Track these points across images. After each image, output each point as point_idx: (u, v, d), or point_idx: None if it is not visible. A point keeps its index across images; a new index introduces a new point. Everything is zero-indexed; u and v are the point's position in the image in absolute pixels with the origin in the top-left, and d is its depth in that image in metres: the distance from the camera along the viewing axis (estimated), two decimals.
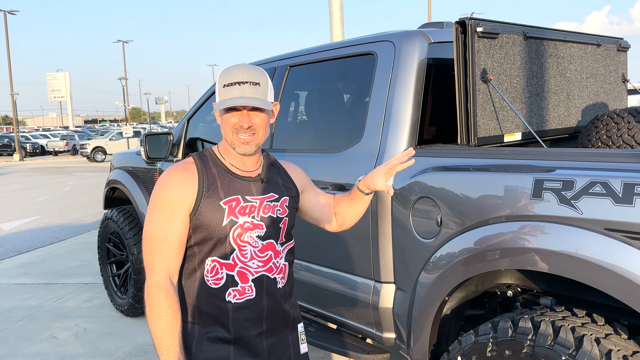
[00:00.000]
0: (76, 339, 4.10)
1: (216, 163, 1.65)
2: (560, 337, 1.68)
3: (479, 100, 2.33)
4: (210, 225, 1.57)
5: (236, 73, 1.57)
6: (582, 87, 3.01)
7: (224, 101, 1.57)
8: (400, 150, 2.38)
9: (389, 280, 2.45)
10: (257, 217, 1.62)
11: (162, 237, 1.54)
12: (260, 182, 1.67)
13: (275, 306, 1.67)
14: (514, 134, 2.54)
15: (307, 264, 2.88)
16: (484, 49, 2.35)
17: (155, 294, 1.52)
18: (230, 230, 1.58)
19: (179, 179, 1.58)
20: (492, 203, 1.93)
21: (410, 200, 2.25)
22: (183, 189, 1.57)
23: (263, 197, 1.65)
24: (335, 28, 8.44)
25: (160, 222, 1.55)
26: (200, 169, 1.62)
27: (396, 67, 2.47)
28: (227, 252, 1.58)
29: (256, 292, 1.62)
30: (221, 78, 1.59)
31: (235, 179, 1.64)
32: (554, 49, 2.76)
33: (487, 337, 1.86)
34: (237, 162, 1.66)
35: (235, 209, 1.59)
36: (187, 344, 1.60)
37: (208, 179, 1.60)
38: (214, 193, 1.59)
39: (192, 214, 1.57)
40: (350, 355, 2.63)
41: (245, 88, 1.56)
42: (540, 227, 1.77)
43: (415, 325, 2.25)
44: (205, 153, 1.69)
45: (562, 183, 1.73)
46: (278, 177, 1.76)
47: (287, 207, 1.71)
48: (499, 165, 2.00)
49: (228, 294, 1.59)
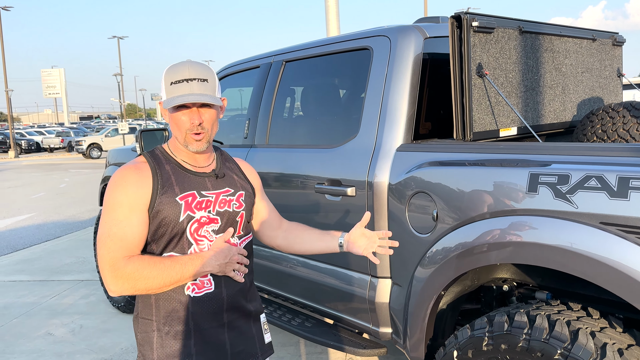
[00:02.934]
0: (73, 336, 4.10)
1: (168, 160, 1.65)
2: (556, 331, 1.69)
3: (474, 95, 2.33)
4: (167, 221, 1.57)
5: (183, 70, 1.57)
6: (578, 81, 3.01)
7: (173, 99, 1.55)
8: (396, 145, 2.38)
9: (385, 275, 2.45)
10: (213, 211, 1.63)
11: (121, 235, 1.52)
12: (215, 177, 1.69)
13: (235, 298, 1.68)
14: (510, 128, 2.54)
15: (304, 260, 2.88)
16: (480, 44, 2.35)
17: (123, 268, 1.49)
18: (187, 225, 1.59)
19: (133, 177, 1.57)
20: (488, 198, 1.93)
21: (406, 195, 2.25)
22: (139, 188, 1.56)
23: (219, 192, 1.67)
24: (331, 23, 8.42)
25: (119, 221, 1.53)
26: (153, 166, 1.61)
27: (392, 62, 2.47)
28: (184, 247, 1.60)
29: (215, 285, 1.63)
30: (167, 76, 1.58)
31: (189, 175, 1.65)
32: (549, 44, 2.76)
33: (483, 332, 1.87)
34: (189, 158, 1.67)
35: (191, 204, 1.60)
36: (149, 339, 1.61)
37: (162, 176, 1.60)
38: (169, 189, 1.59)
39: (149, 210, 1.56)
40: (346, 350, 2.64)
41: (193, 85, 1.56)
42: (536, 222, 1.77)
43: (412, 319, 2.26)
44: (156, 151, 1.68)
45: (557, 177, 1.73)
46: (232, 173, 1.77)
47: (243, 201, 1.72)
48: (495, 159, 2.00)
49: (187, 287, 1.60)
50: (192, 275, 1.55)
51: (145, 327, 1.62)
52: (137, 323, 1.65)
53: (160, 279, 1.51)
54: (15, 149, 30.33)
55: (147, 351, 1.61)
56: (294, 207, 2.84)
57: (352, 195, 2.47)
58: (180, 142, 1.62)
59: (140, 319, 1.64)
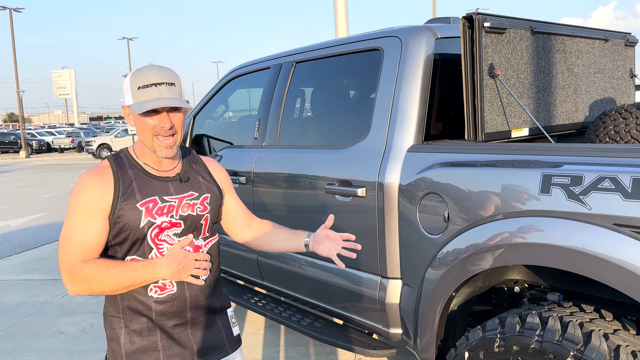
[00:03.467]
0: (84, 334, 4.13)
1: (132, 165, 1.67)
2: (569, 333, 1.68)
3: (486, 95, 2.32)
4: (128, 227, 1.59)
5: (150, 74, 1.58)
6: (590, 82, 2.99)
7: (143, 103, 1.56)
8: (407, 146, 2.38)
9: (395, 276, 2.45)
10: (175, 216, 1.64)
11: (79, 240, 1.56)
12: (179, 181, 1.69)
13: (199, 298, 1.71)
14: (522, 129, 2.53)
15: (313, 260, 2.88)
16: (492, 44, 2.34)
17: (79, 270, 1.53)
18: (147, 231, 1.61)
19: (95, 184, 1.59)
20: (500, 199, 1.92)
21: (417, 196, 2.25)
22: (99, 194, 1.58)
23: (182, 197, 1.68)
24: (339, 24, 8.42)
25: (78, 226, 1.56)
26: (115, 172, 1.63)
27: (403, 62, 2.47)
28: (145, 252, 1.62)
29: (177, 286, 1.66)
30: (134, 80, 1.58)
31: (152, 180, 1.66)
32: (561, 44, 2.75)
33: (495, 333, 1.86)
34: (154, 162, 1.68)
35: (152, 210, 1.61)
36: (116, 336, 1.66)
37: (124, 182, 1.62)
38: (130, 196, 1.60)
39: (110, 216, 1.59)
40: (356, 350, 2.64)
41: (162, 89, 1.57)
42: (549, 223, 1.76)
43: (422, 321, 2.25)
44: (121, 154, 1.70)
45: (570, 178, 1.72)
46: (199, 175, 1.77)
47: (208, 204, 1.73)
48: (507, 160, 1.99)
49: (149, 289, 1.63)
50: (144, 281, 1.58)
51: (113, 324, 1.67)
52: (106, 320, 1.70)
53: (113, 283, 1.55)
54: (26, 149, 30.61)
55: (115, 347, 1.66)
56: (304, 207, 2.85)
57: (363, 196, 2.47)
58: (147, 146, 1.63)
59: (108, 316, 1.69)
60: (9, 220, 9.47)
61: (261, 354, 3.62)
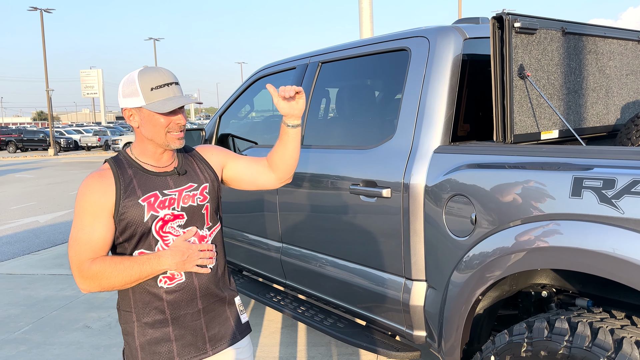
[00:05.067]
0: (109, 329, 4.20)
1: (131, 164, 1.73)
2: (599, 339, 1.64)
3: (515, 96, 2.29)
4: (133, 222, 1.66)
5: (159, 75, 1.66)
6: (622, 84, 2.92)
7: (164, 102, 1.63)
8: (434, 147, 2.36)
9: (420, 278, 2.43)
10: (177, 208, 1.71)
11: (86, 240, 1.63)
12: (177, 174, 1.75)
13: (208, 286, 1.77)
14: (551, 131, 2.49)
15: (336, 260, 2.88)
16: (522, 45, 2.31)
17: (88, 268, 1.60)
18: (152, 224, 1.68)
19: (97, 185, 1.66)
20: (529, 201, 1.89)
21: (443, 197, 2.23)
22: (102, 195, 1.65)
23: (181, 189, 1.74)
24: (364, 25, 8.40)
25: (84, 227, 1.64)
26: (115, 172, 1.70)
27: (430, 63, 2.45)
28: (151, 244, 1.69)
29: (185, 275, 1.72)
30: (144, 82, 1.64)
31: (151, 176, 1.72)
32: (593, 45, 2.70)
33: (522, 337, 1.83)
34: (154, 160, 1.74)
35: (154, 204, 1.68)
36: (130, 330, 1.73)
37: (124, 180, 1.68)
38: (131, 193, 1.67)
39: (115, 216, 1.66)
40: (379, 352, 2.63)
41: (174, 88, 1.67)
42: (579, 227, 1.73)
43: (447, 324, 2.23)
44: (119, 156, 1.76)
45: (602, 182, 1.69)
46: (195, 165, 1.83)
47: (207, 193, 1.79)
48: (536, 162, 1.96)
49: (159, 280, 1.70)
50: (150, 273, 1.65)
51: (126, 318, 1.74)
52: (120, 315, 1.77)
53: (121, 278, 1.62)
54: (54, 147, 31.29)
55: (130, 340, 1.74)
56: (329, 207, 2.85)
57: (388, 197, 2.46)
58: (160, 142, 1.69)
59: (121, 311, 1.76)
60: (38, 216, 9.70)
61: (283, 353, 3.63)
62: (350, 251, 2.78)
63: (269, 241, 3.43)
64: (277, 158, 1.87)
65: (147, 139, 1.70)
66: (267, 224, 3.39)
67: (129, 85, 1.67)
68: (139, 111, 1.67)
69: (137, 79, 1.65)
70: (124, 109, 1.70)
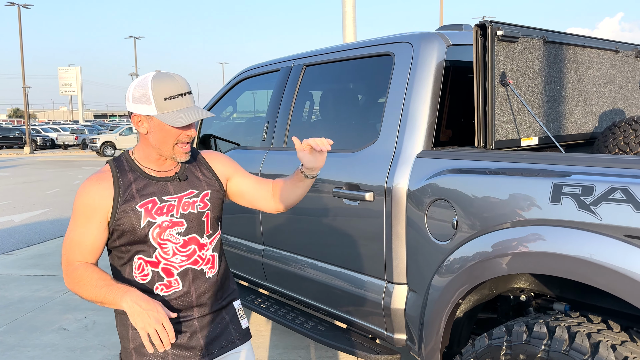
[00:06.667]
0: (86, 331, 4.13)
1: (132, 168, 1.70)
2: (576, 343, 1.68)
3: (497, 103, 2.33)
4: (129, 228, 1.64)
5: (173, 85, 1.60)
6: (600, 93, 2.99)
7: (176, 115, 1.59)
8: (417, 152, 2.38)
9: (401, 281, 2.45)
10: (176, 214, 1.68)
11: (78, 241, 1.64)
12: (178, 180, 1.72)
13: (205, 295, 1.75)
14: (531, 138, 2.53)
15: (316, 263, 2.88)
16: (504, 53, 2.34)
17: (75, 271, 1.61)
18: (149, 231, 1.64)
19: (94, 189, 1.64)
20: (509, 207, 1.92)
21: (425, 202, 2.25)
22: (98, 199, 1.63)
23: (181, 195, 1.71)
24: (347, 29, 8.43)
25: (77, 228, 1.64)
26: (115, 175, 1.67)
27: (414, 68, 2.47)
28: (149, 251, 1.67)
29: (182, 284, 1.71)
30: (157, 91, 1.58)
31: (151, 181, 1.69)
32: (572, 54, 2.75)
33: (501, 341, 1.86)
34: (156, 165, 1.71)
35: (151, 211, 1.65)
36: (126, 333, 1.71)
37: (123, 185, 1.66)
38: (129, 198, 1.64)
39: (110, 221, 1.64)
40: (359, 355, 2.64)
41: (187, 99, 1.63)
42: (558, 232, 1.76)
43: (428, 327, 2.25)
44: (121, 158, 1.73)
45: (581, 188, 1.72)
46: (198, 171, 1.80)
47: (208, 200, 1.76)
48: (517, 169, 1.99)
49: (155, 287, 1.69)
50: (111, 304, 1.55)
51: (122, 321, 1.72)
52: (117, 318, 1.75)
53: (91, 293, 1.59)
54: (30, 145, 30.69)
55: (125, 343, 1.72)
56: (311, 210, 2.85)
57: (370, 200, 2.48)
58: (165, 154, 1.67)
59: (118, 314, 1.74)
60: (13, 216, 9.49)
61: (264, 356, 3.61)
62: (331, 254, 2.79)
63: (250, 243, 3.42)
64: (284, 194, 1.86)
65: (154, 147, 1.67)
66: (248, 226, 3.37)
67: (141, 91, 1.61)
68: (148, 119, 1.62)
69: (150, 86, 1.59)
70: (133, 114, 1.64)
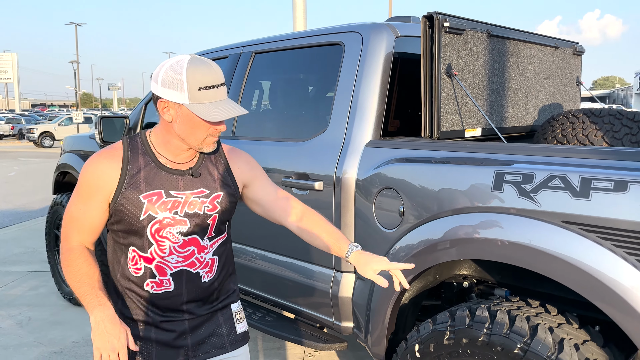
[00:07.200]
0: (20, 328, 3.93)
1: (146, 152, 1.57)
2: (516, 326, 1.73)
3: (443, 94, 2.37)
4: (127, 218, 1.53)
5: (210, 74, 1.47)
6: (540, 87, 3.10)
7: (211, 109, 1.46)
8: (365, 141, 2.39)
9: (349, 270, 2.46)
10: (180, 212, 1.55)
11: (76, 217, 1.56)
12: (191, 176, 1.59)
13: (198, 298, 1.64)
14: (475, 129, 2.59)
15: (265, 253, 2.85)
16: (450, 44, 2.39)
17: (70, 254, 1.54)
18: (147, 225, 1.53)
19: (102, 167, 1.53)
20: (453, 195, 1.96)
21: (373, 191, 2.27)
22: (104, 178, 1.53)
23: (190, 193, 1.58)
24: (298, 20, 8.39)
25: (77, 203, 1.57)
26: (126, 157, 1.55)
27: (363, 58, 2.48)
28: (144, 246, 1.56)
29: (174, 285, 1.59)
30: (193, 77, 1.45)
31: (161, 172, 1.56)
32: (515, 49, 2.84)
33: (445, 326, 1.90)
34: (173, 155, 1.58)
35: (155, 204, 1.53)
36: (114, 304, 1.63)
37: (132, 169, 1.54)
38: (135, 185, 1.53)
39: (111, 203, 1.54)
40: (306, 344, 2.63)
41: (222, 91, 1.50)
42: (500, 219, 1.82)
43: (374, 314, 2.27)
44: (136, 139, 1.60)
45: (522, 176, 1.78)
46: (215, 169, 1.65)
47: (218, 203, 1.62)
48: (461, 158, 2.04)
49: (146, 284, 1.59)
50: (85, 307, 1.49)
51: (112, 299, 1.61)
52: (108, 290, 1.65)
53: (72, 285, 1.52)
54: None
55: None
56: None
57: (320, 190, 2.47)
58: (193, 145, 1.53)
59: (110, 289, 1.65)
60: None
61: None
62: (280, 244, 2.77)
63: None
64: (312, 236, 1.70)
65: (178, 136, 1.52)
66: None
67: (174, 75, 1.45)
68: (177, 107, 1.48)
69: (185, 71, 1.44)
70: (160, 99, 1.49)
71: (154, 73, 1.53)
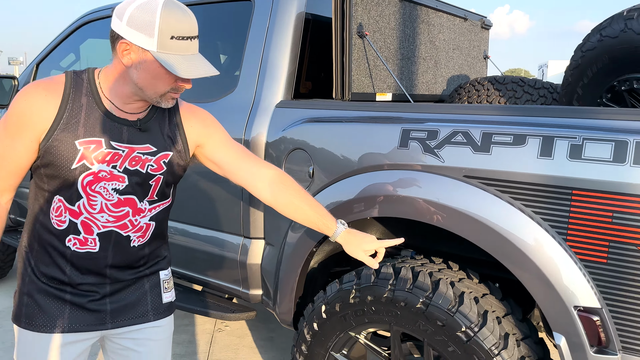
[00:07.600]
0: None
1: (91, 92, 1.39)
2: (419, 281, 1.74)
3: (354, 55, 2.33)
4: (57, 163, 1.35)
5: (185, 22, 1.31)
6: (449, 57, 3.16)
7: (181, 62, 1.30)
8: (276, 102, 2.31)
9: (258, 236, 2.38)
10: (119, 167, 1.39)
11: (1, 154, 1.38)
12: (138, 129, 1.42)
13: (124, 263, 1.49)
14: (385, 94, 2.59)
15: (171, 224, 2.70)
16: (361, 3, 2.35)
17: None
18: (79, 176, 1.36)
19: (37, 100, 1.34)
20: (361, 153, 1.94)
21: (283, 152, 2.19)
22: (38, 114, 1.33)
23: (134, 147, 1.41)
24: None
25: (4, 138, 1.37)
26: (67, 94, 1.36)
27: (274, 15, 2.38)
28: (72, 198, 1.38)
29: (100, 246, 1.44)
30: (167, 23, 1.28)
31: (105, 118, 1.38)
32: (425, 16, 2.86)
33: (351, 285, 1.88)
34: (122, 102, 1.40)
35: (91, 154, 1.36)
36: (25, 272, 1.47)
37: (72, 109, 1.35)
38: (71, 127, 1.35)
39: (42, 143, 1.35)
40: (213, 315, 2.53)
41: (195, 44, 1.35)
42: (406, 175, 1.81)
43: (283, 279, 2.21)
44: (83, 76, 1.40)
45: (427, 133, 1.78)
46: (166, 126, 1.48)
47: (164, 164, 1.46)
48: (369, 116, 2.01)
49: (68, 240, 1.42)
50: None
51: (24, 258, 1.48)
52: (19, 252, 1.51)
53: None
54: None
55: (22, 284, 1.48)
56: None
57: None
58: (151, 96, 1.37)
59: (22, 249, 1.49)
60: None
61: None
62: (187, 214, 2.63)
63: None
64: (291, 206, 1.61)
65: (135, 84, 1.35)
66: None
67: (144, 15, 1.27)
68: (142, 52, 1.30)
69: (159, 14, 1.27)
70: (122, 39, 1.30)
71: (118, 7, 1.33)
